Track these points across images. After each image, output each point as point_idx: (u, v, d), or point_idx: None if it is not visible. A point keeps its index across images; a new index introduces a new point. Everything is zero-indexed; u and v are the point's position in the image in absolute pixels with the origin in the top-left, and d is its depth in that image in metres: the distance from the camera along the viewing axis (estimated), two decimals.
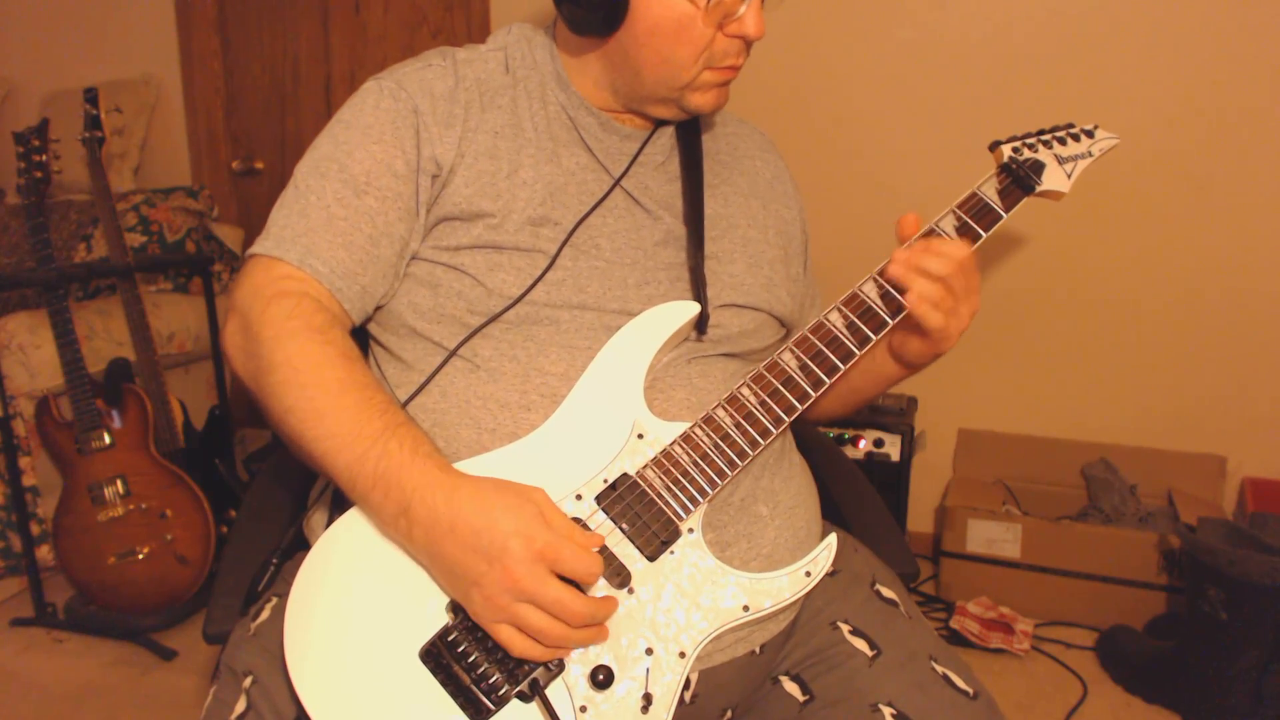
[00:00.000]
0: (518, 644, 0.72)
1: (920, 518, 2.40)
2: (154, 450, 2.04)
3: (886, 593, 0.96)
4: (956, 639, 1.96)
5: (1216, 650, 1.69)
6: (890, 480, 2.12)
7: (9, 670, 1.91)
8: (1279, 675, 1.64)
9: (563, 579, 0.72)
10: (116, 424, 2.03)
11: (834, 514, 1.09)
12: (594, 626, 0.74)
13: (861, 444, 2.13)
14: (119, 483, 2.00)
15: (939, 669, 0.87)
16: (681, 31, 0.88)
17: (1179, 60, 2.03)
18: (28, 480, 2.09)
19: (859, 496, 1.15)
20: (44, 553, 2.11)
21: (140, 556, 1.99)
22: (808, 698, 0.87)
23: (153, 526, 2.00)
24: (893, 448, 2.12)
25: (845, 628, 0.91)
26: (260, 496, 1.10)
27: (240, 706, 0.80)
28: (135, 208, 2.55)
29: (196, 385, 2.53)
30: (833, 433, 2.13)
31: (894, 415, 2.17)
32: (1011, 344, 2.25)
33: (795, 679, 0.89)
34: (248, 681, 0.81)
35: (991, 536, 2.06)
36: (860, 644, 0.89)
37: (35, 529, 2.09)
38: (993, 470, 2.30)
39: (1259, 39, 1.98)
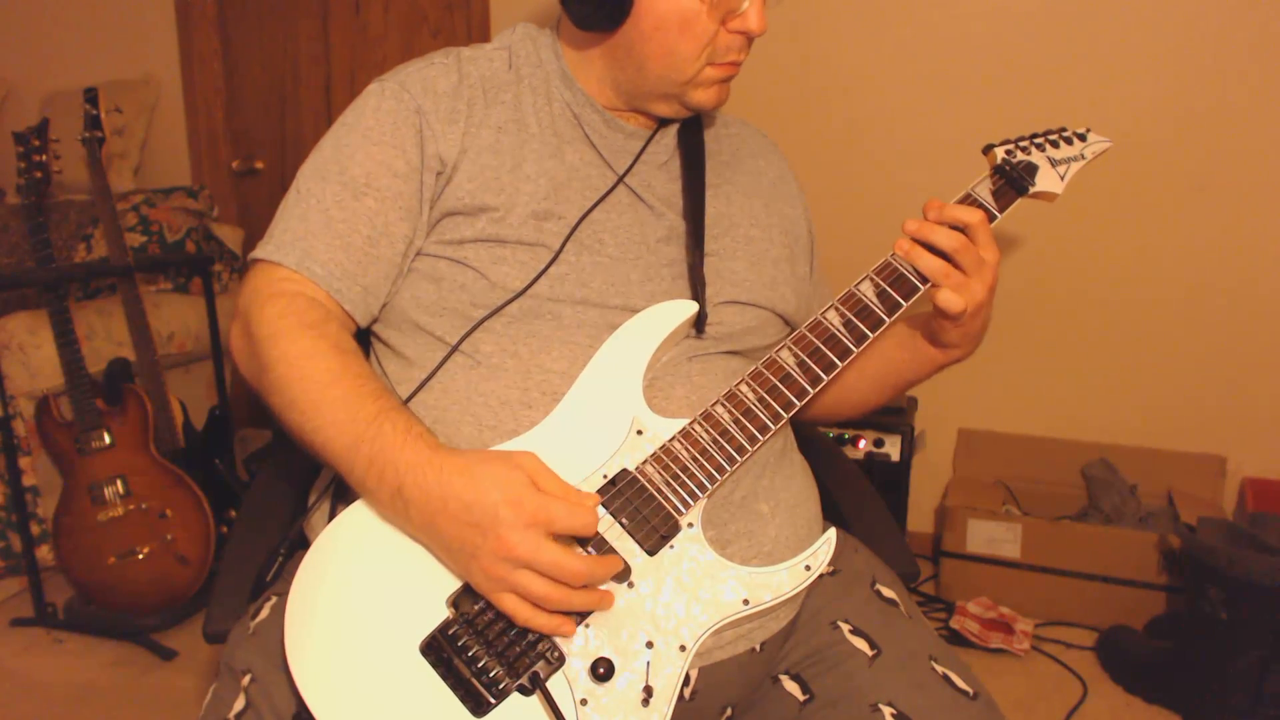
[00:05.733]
0: (522, 612, 0.72)
1: (920, 518, 2.40)
2: (154, 450, 2.04)
3: (886, 592, 0.96)
4: (956, 639, 1.96)
5: (1216, 650, 1.69)
6: (890, 480, 2.12)
7: (9, 670, 1.90)
8: (1279, 675, 1.64)
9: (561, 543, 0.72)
10: (116, 424, 2.03)
11: (834, 514, 1.09)
12: (595, 589, 0.75)
13: (861, 444, 2.13)
14: (119, 483, 2.00)
15: (939, 669, 0.87)
16: (686, 26, 0.89)
17: (1180, 60, 2.03)
18: (28, 480, 2.09)
19: (859, 496, 1.15)
20: (44, 553, 2.11)
21: (140, 556, 1.99)
22: (808, 697, 0.87)
23: (153, 526, 2.00)
24: (893, 448, 2.12)
25: (845, 627, 0.90)
26: (260, 496, 1.10)
27: (239, 705, 0.80)
28: (135, 208, 2.55)
29: (196, 385, 2.53)
30: (833, 433, 2.13)
31: (894, 415, 2.17)
32: (1011, 344, 2.25)
33: (795, 678, 0.89)
34: (246, 680, 0.82)
35: (991, 536, 2.06)
36: (860, 643, 0.89)
37: (35, 529, 2.09)
38: (993, 470, 2.30)
39: (1259, 39, 1.98)
